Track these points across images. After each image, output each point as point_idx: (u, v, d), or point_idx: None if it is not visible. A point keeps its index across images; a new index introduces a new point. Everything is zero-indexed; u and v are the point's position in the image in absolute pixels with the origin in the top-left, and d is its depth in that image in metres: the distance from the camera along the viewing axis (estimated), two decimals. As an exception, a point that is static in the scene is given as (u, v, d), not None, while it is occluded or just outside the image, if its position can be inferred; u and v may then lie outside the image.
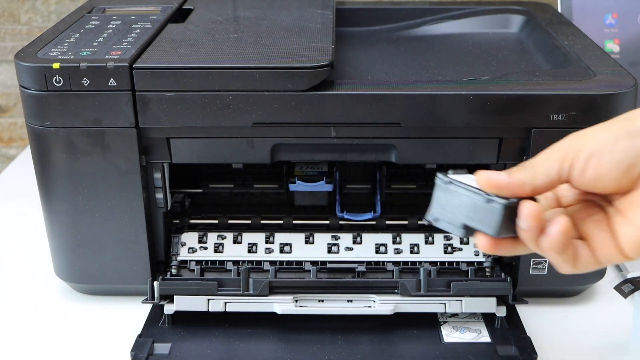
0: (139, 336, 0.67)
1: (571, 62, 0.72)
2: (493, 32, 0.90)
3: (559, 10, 0.95)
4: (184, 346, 0.66)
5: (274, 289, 0.69)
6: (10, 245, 0.86)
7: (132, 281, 0.73)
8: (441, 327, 0.69)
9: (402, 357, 0.65)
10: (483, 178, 0.51)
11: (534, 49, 0.82)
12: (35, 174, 0.70)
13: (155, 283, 0.69)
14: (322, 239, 0.75)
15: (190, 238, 0.75)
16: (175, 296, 0.68)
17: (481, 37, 0.88)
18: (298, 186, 0.75)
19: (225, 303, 0.68)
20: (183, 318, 0.70)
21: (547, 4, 0.93)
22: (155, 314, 0.70)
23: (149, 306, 0.71)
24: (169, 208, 0.73)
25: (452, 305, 0.68)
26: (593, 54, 0.74)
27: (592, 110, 0.65)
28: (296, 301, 0.69)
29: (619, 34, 0.97)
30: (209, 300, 0.68)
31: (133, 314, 0.72)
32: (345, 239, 0.75)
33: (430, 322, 0.69)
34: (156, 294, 0.69)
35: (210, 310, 0.68)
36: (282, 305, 0.68)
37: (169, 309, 0.69)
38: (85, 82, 0.65)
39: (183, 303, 0.68)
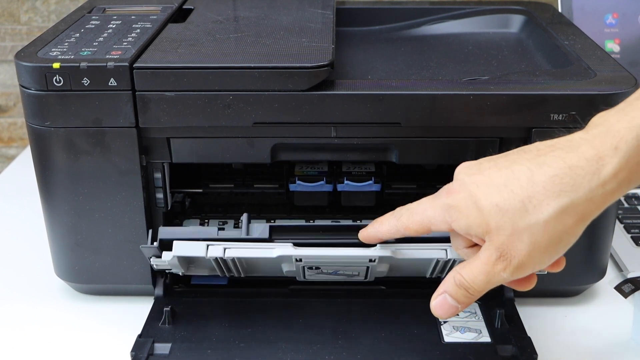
0: (139, 336, 0.67)
1: (571, 62, 0.72)
2: (493, 32, 0.90)
3: (559, 10, 0.95)
4: (184, 346, 0.66)
5: (275, 234, 0.66)
6: (10, 245, 0.86)
7: (132, 281, 0.73)
8: (441, 327, 0.69)
9: (402, 357, 0.65)
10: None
11: (534, 49, 0.82)
12: (35, 174, 0.70)
13: (159, 228, 0.66)
14: (322, 239, 0.74)
15: (190, 238, 0.74)
16: (174, 242, 0.65)
17: (481, 37, 0.88)
18: (298, 186, 0.75)
19: (225, 249, 0.65)
20: (183, 318, 0.70)
21: (547, 4, 0.93)
22: (155, 314, 0.70)
23: (149, 306, 0.71)
24: (169, 208, 0.73)
25: (453, 251, 0.64)
26: (593, 53, 0.74)
27: (592, 110, 0.65)
28: (296, 246, 0.66)
29: (619, 33, 0.97)
30: (208, 245, 0.65)
31: (133, 314, 0.72)
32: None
33: (430, 322, 0.69)
34: (157, 239, 0.66)
35: (208, 256, 0.65)
36: (283, 248, 0.65)
37: (167, 256, 0.65)
38: (85, 82, 0.65)
39: (182, 248, 0.65)
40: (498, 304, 0.71)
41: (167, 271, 0.70)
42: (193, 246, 0.65)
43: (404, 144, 0.68)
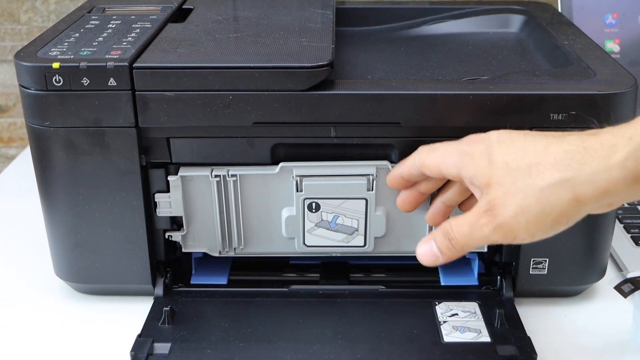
0: (139, 336, 0.67)
1: (571, 61, 0.72)
2: (493, 32, 0.90)
3: (559, 10, 0.95)
4: (183, 346, 0.66)
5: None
6: (10, 245, 0.86)
7: (132, 281, 0.73)
8: (441, 326, 0.69)
9: (402, 357, 0.65)
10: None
11: (534, 49, 0.82)
12: (35, 174, 0.70)
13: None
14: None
15: (190, 238, 0.75)
16: (181, 167, 0.69)
17: (481, 37, 0.88)
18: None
19: (229, 170, 0.69)
20: (183, 318, 0.70)
21: (547, 3, 0.93)
22: (155, 313, 0.70)
23: (148, 306, 0.71)
24: (169, 208, 0.73)
25: None
26: (593, 53, 0.74)
27: (592, 110, 0.65)
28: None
29: (619, 33, 0.97)
30: (212, 169, 0.69)
31: (133, 314, 0.72)
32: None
33: (430, 322, 0.69)
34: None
35: (213, 174, 0.68)
36: (285, 164, 0.68)
37: (172, 178, 0.69)
38: (85, 81, 0.65)
39: (187, 171, 0.69)
40: (498, 304, 0.71)
41: (167, 235, 0.72)
42: (198, 169, 0.69)
43: (404, 144, 0.68)
